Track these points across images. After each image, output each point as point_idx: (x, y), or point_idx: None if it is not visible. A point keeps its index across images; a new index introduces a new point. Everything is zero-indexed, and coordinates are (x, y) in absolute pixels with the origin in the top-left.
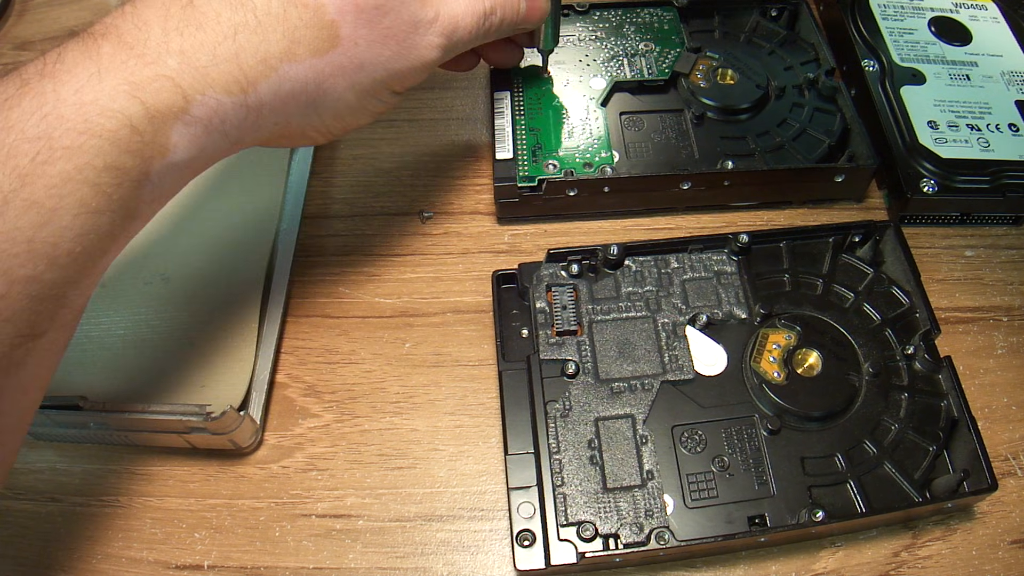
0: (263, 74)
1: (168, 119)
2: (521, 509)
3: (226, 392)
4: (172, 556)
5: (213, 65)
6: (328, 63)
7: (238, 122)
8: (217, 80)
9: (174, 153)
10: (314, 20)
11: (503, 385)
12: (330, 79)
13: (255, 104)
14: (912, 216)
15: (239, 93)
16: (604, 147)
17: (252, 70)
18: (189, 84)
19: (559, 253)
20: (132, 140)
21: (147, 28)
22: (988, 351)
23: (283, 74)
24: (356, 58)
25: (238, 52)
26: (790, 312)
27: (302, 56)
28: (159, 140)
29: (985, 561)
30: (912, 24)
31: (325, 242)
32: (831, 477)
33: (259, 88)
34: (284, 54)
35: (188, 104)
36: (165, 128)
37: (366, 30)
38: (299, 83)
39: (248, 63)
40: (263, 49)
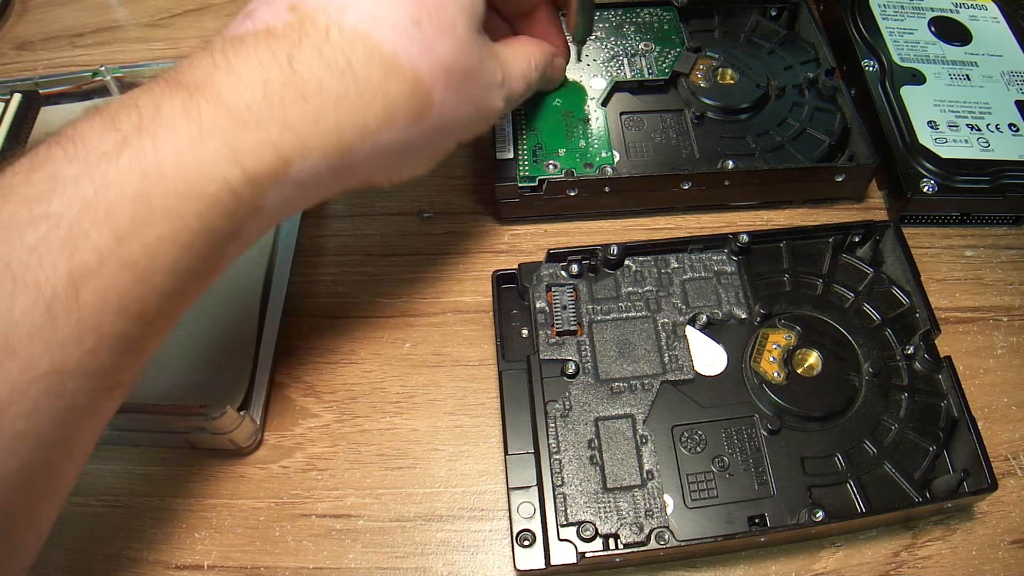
0: (361, 142)
1: (266, 183)
2: (521, 509)
3: (226, 392)
4: (172, 556)
5: (314, 135)
6: (419, 128)
7: (329, 182)
8: (316, 147)
9: (266, 211)
10: (412, 89)
11: (503, 385)
12: (418, 141)
13: (348, 166)
14: (912, 216)
15: (336, 158)
16: (604, 147)
17: (351, 138)
18: (290, 150)
19: (559, 253)
20: (230, 204)
21: (247, 90)
22: (988, 351)
23: (379, 141)
24: (442, 121)
25: (339, 122)
26: (790, 312)
27: (398, 125)
28: (255, 202)
29: (985, 561)
30: (912, 24)
31: (325, 242)
32: (831, 477)
33: (355, 154)
34: (382, 124)
35: (287, 168)
36: (262, 191)
37: (453, 96)
38: (391, 147)
39: (347, 132)
40: (362, 119)
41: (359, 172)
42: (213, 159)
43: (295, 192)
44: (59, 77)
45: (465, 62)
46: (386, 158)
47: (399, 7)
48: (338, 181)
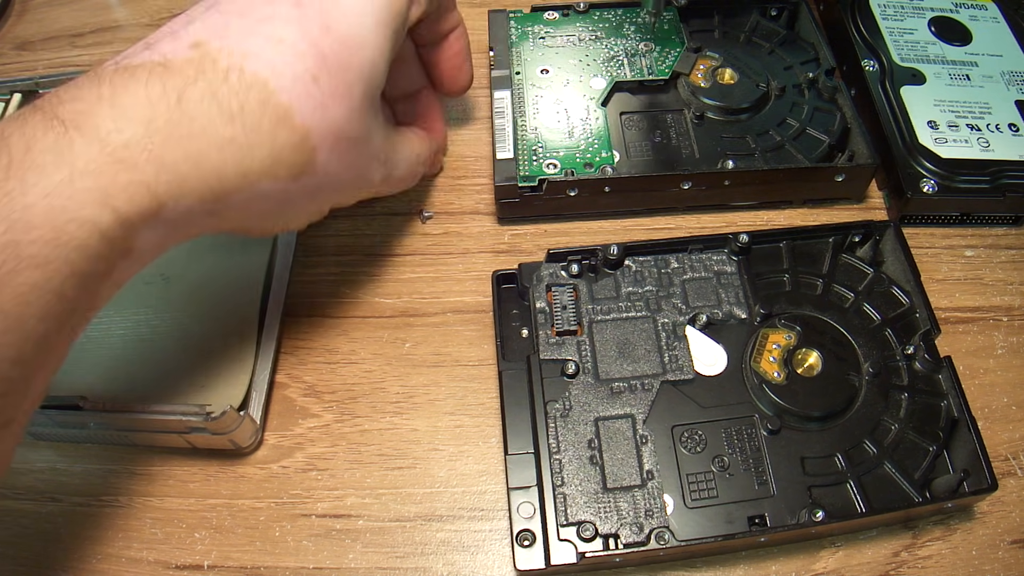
0: (239, 188)
1: (138, 224)
2: (521, 509)
3: (226, 392)
4: (172, 556)
5: (194, 177)
6: (299, 185)
7: (200, 223)
8: (194, 190)
9: (137, 253)
10: (298, 144)
11: (503, 385)
12: (295, 198)
13: (223, 211)
14: (912, 216)
15: (211, 202)
16: (604, 147)
17: (231, 183)
18: (165, 192)
19: (559, 253)
20: (100, 248)
21: (128, 126)
22: (988, 351)
23: (258, 190)
24: (322, 183)
25: (221, 165)
26: (790, 312)
27: (280, 177)
28: (127, 243)
29: (985, 561)
30: (912, 24)
31: (325, 242)
32: (831, 477)
33: (231, 199)
34: (265, 173)
35: (160, 210)
36: (134, 232)
37: (337, 160)
38: (268, 199)
39: (229, 177)
40: (245, 166)
41: (233, 217)
42: (83, 203)
43: (168, 233)
44: (59, 77)
45: (355, 130)
46: (262, 208)
47: (301, 62)
48: (210, 224)
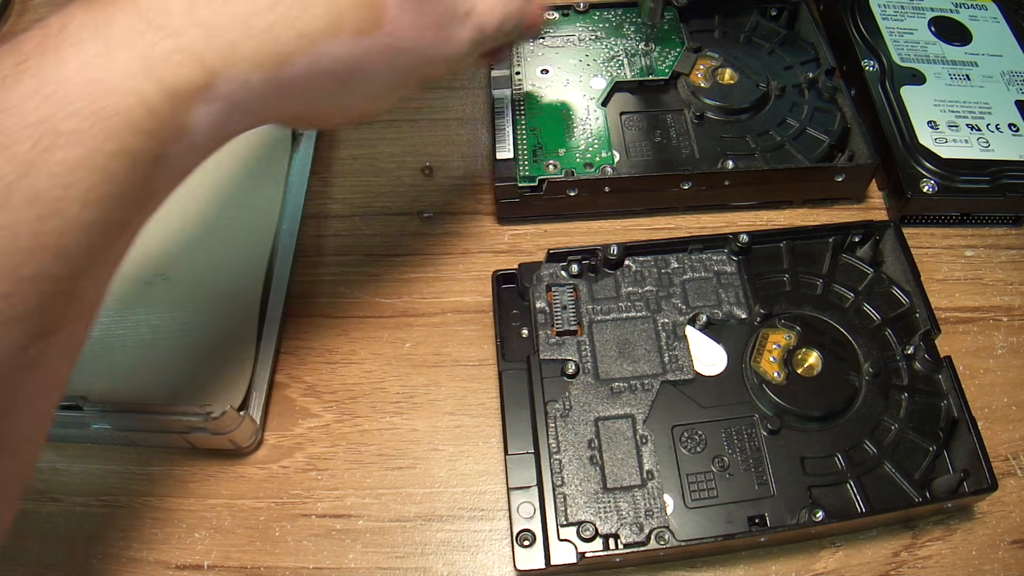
0: (300, 49)
1: (188, 98)
2: (521, 509)
3: (226, 392)
4: (172, 556)
5: (244, 39)
6: (370, 44)
7: (265, 100)
8: (247, 55)
9: (193, 133)
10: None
11: (503, 385)
12: (369, 61)
13: (287, 81)
14: (912, 216)
15: (271, 69)
16: (604, 147)
17: (289, 44)
18: (215, 59)
19: (559, 253)
20: (146, 121)
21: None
22: (988, 351)
23: (322, 51)
24: (397, 42)
25: (274, 25)
26: (790, 312)
27: (344, 34)
28: (178, 120)
29: (985, 561)
30: (912, 24)
31: (325, 242)
32: (831, 477)
33: (295, 64)
34: (326, 29)
35: (213, 80)
36: (184, 108)
37: (409, 15)
38: (337, 62)
39: (285, 36)
40: (303, 22)
41: (303, 93)
42: (123, 72)
43: (226, 111)
44: None
45: None
46: (333, 78)
47: None
48: (279, 101)
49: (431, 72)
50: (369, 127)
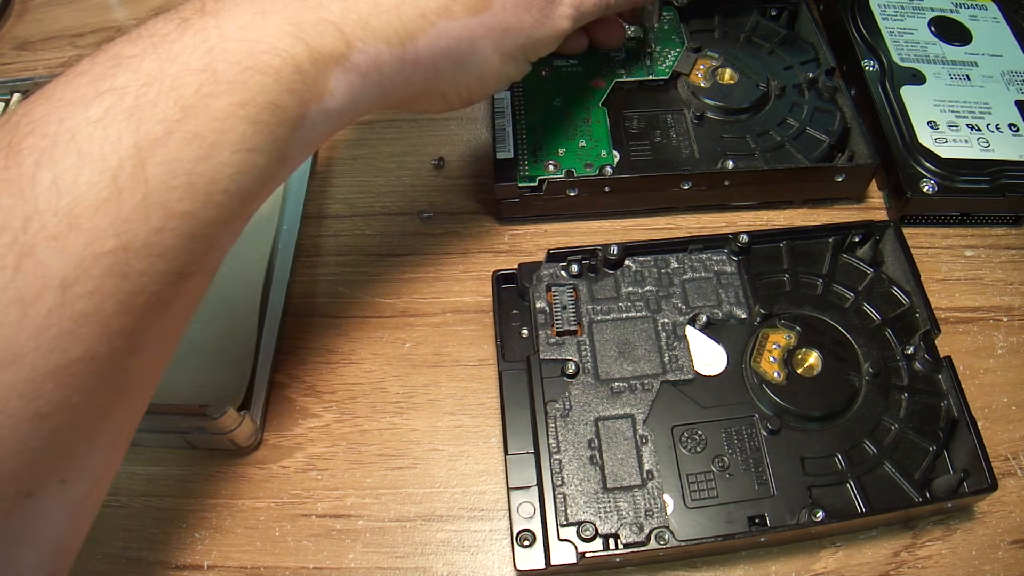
0: (421, 28)
1: (330, 63)
2: (521, 509)
3: (226, 392)
4: (172, 556)
5: (375, 14)
6: (480, 23)
7: (393, 74)
8: (378, 29)
9: (331, 98)
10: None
11: (503, 385)
12: (480, 39)
13: (411, 58)
14: (912, 216)
15: (398, 45)
16: (604, 147)
17: (412, 23)
18: (351, 31)
19: (559, 253)
20: (294, 80)
21: None
22: (988, 351)
23: (440, 30)
24: (504, 21)
25: (399, 4)
26: (790, 312)
27: (458, 14)
28: (319, 83)
29: (985, 561)
30: (912, 24)
31: (325, 242)
32: (831, 477)
33: (417, 42)
34: (442, 10)
35: (349, 50)
36: (326, 72)
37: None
38: (453, 40)
39: (408, 15)
40: (423, 3)
41: (424, 68)
42: (276, 34)
43: (360, 81)
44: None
45: None
46: (451, 55)
47: None
48: (404, 76)
49: (536, 50)
50: (369, 127)
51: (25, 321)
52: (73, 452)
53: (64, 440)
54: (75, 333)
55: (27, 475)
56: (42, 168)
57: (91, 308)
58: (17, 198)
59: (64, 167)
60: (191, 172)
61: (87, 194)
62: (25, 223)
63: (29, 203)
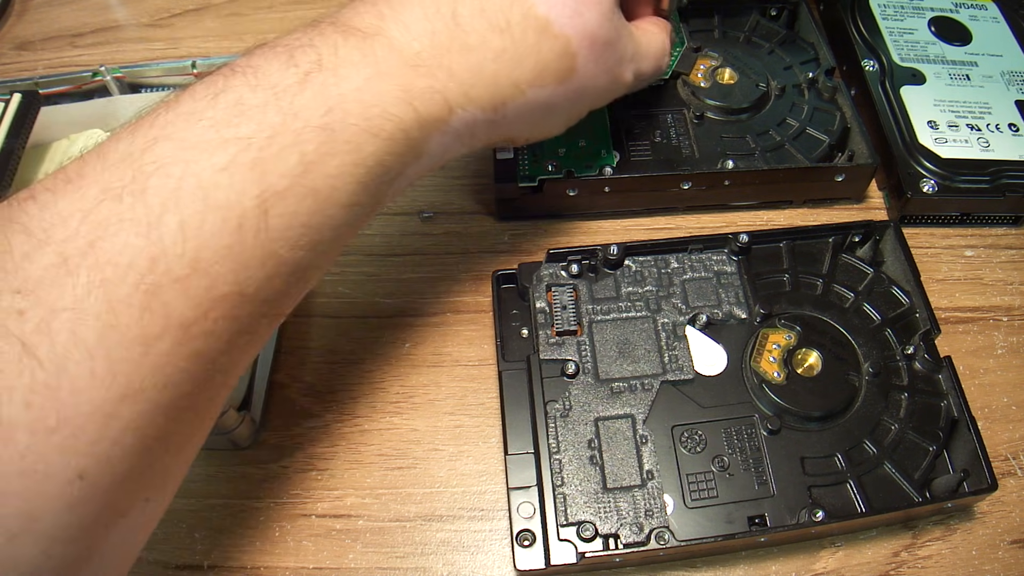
0: (513, 96)
1: (432, 128)
2: (521, 509)
3: None
4: (172, 556)
5: (475, 85)
6: (564, 89)
7: (482, 135)
8: (476, 98)
9: (427, 157)
10: (561, 51)
11: (503, 385)
12: (560, 102)
13: (500, 120)
14: (912, 216)
15: (491, 111)
16: (604, 147)
17: (505, 91)
18: (453, 98)
19: (559, 253)
20: (401, 144)
21: (416, 39)
22: (988, 351)
23: (529, 97)
24: (582, 86)
25: (497, 75)
26: (790, 312)
27: (547, 83)
28: (421, 145)
29: (985, 561)
30: (912, 24)
31: None
32: (831, 477)
33: (507, 107)
34: (533, 80)
35: (450, 116)
36: (428, 135)
37: (594, 63)
38: (538, 105)
39: (503, 85)
40: (516, 74)
41: (507, 127)
42: (390, 99)
43: (452, 141)
44: (59, 77)
45: (607, 32)
46: (532, 116)
47: None
48: (487, 134)
49: (599, 104)
50: None
51: (146, 359)
52: (164, 475)
53: (158, 466)
54: (188, 371)
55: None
56: (168, 211)
57: (204, 348)
58: (144, 239)
59: (190, 212)
60: (306, 224)
61: (211, 241)
62: (151, 264)
63: (155, 245)
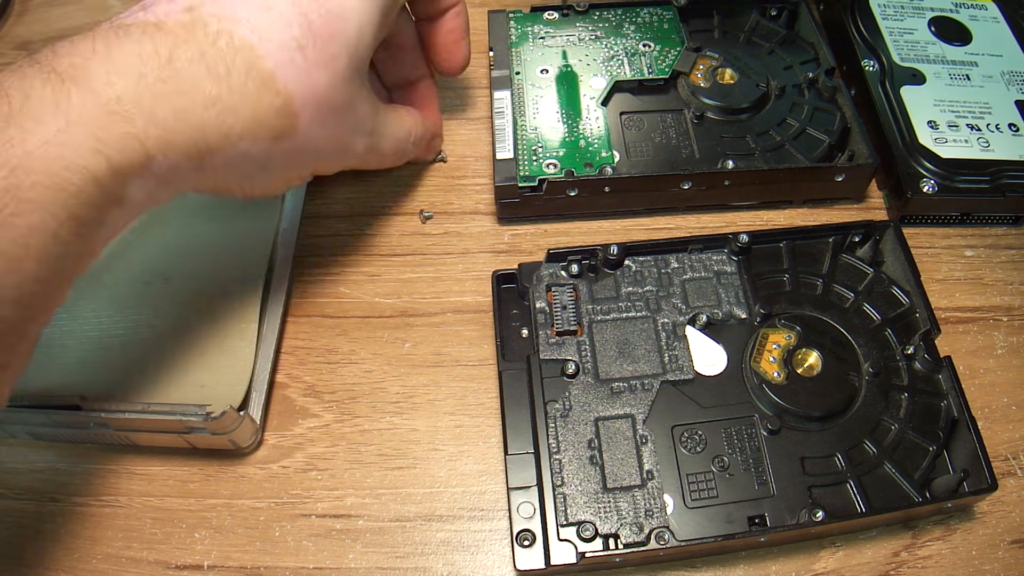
0: (222, 147)
1: (129, 174)
2: (521, 509)
3: (226, 392)
4: (172, 556)
5: (179, 132)
6: (280, 148)
7: (187, 179)
8: (180, 146)
9: (128, 203)
10: (281, 108)
11: (503, 385)
12: (274, 160)
13: (208, 167)
14: (912, 216)
15: (196, 159)
16: (604, 147)
17: (215, 142)
18: (154, 145)
19: (559, 253)
20: (94, 194)
21: (121, 80)
22: (988, 351)
23: (240, 150)
24: (301, 148)
25: (205, 125)
26: (790, 312)
27: (261, 138)
28: (118, 192)
29: (985, 561)
30: (912, 24)
31: (325, 242)
32: (831, 477)
33: (215, 158)
34: (246, 133)
35: (149, 162)
36: (124, 182)
37: (318, 127)
38: (249, 159)
39: (212, 136)
40: (228, 126)
41: (216, 176)
42: (78, 151)
43: (156, 186)
44: None
45: (337, 98)
46: (243, 168)
47: (288, 30)
48: (196, 180)
49: (322, 171)
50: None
51: None
52: None
53: None
54: None
55: None
56: None
57: None
58: None
59: None
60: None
61: None
62: None
63: None
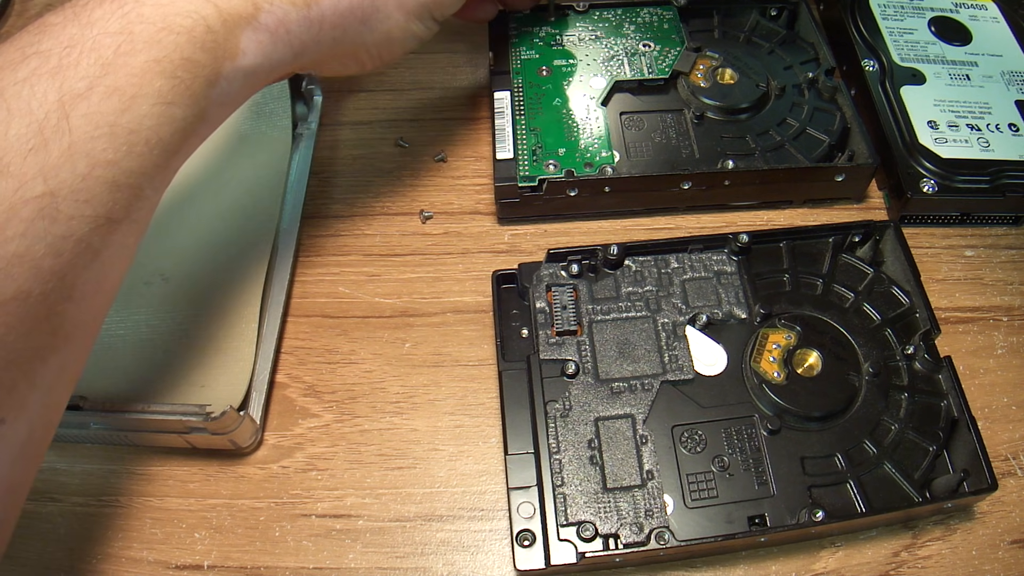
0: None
1: (239, 23)
2: (521, 509)
3: (226, 392)
4: (172, 556)
5: None
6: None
7: (301, 33)
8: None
9: (243, 57)
10: None
11: (503, 385)
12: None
13: (317, 17)
14: (912, 216)
15: (303, 6)
16: (604, 147)
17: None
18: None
19: (559, 253)
20: (206, 38)
21: None
22: (988, 351)
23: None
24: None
25: None
26: (790, 312)
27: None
28: (230, 42)
29: (985, 561)
30: (912, 24)
31: (325, 242)
32: (831, 477)
33: (321, 3)
34: None
35: (257, 12)
36: (236, 31)
37: None
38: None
39: None
40: None
41: (330, 30)
42: None
43: (270, 41)
44: None
45: None
46: (355, 13)
47: None
48: (312, 35)
49: (440, 9)
50: (369, 127)
51: None
52: (11, 391)
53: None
54: (8, 272)
55: None
56: None
57: (22, 249)
58: None
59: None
60: (113, 124)
61: (16, 144)
62: None
63: None
